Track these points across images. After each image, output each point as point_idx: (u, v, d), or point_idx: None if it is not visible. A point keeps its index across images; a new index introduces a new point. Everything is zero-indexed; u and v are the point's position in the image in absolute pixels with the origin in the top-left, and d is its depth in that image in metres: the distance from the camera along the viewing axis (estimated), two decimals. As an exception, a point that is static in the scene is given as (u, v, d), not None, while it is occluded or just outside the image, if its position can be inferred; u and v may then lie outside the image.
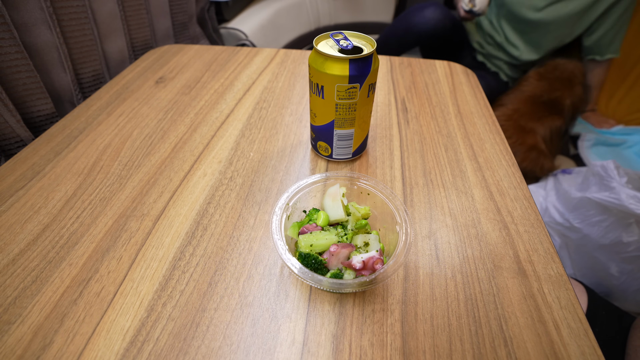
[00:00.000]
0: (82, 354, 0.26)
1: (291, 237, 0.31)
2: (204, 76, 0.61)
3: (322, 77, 0.35)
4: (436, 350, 0.26)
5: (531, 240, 0.34)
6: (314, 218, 0.32)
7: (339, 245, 0.29)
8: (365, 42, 0.37)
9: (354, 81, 0.34)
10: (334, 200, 0.33)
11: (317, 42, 0.36)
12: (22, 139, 0.53)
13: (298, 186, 0.33)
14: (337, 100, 0.36)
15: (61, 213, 0.37)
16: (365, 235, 0.31)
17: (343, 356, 0.26)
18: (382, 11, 1.66)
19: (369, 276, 0.26)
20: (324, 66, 0.34)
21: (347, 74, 0.34)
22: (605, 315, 0.52)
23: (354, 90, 0.35)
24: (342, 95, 0.35)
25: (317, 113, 0.38)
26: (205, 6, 0.96)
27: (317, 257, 0.29)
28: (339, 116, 0.37)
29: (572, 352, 0.26)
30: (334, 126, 0.38)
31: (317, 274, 0.27)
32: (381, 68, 0.64)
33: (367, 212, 0.32)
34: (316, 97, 0.37)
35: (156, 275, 0.31)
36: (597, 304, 0.53)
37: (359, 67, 0.34)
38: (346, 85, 0.34)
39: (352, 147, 0.41)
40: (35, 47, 0.54)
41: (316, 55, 0.35)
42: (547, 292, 0.30)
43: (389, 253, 0.30)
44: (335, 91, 0.35)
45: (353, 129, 0.39)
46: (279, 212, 0.30)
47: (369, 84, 0.36)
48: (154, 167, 0.43)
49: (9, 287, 0.30)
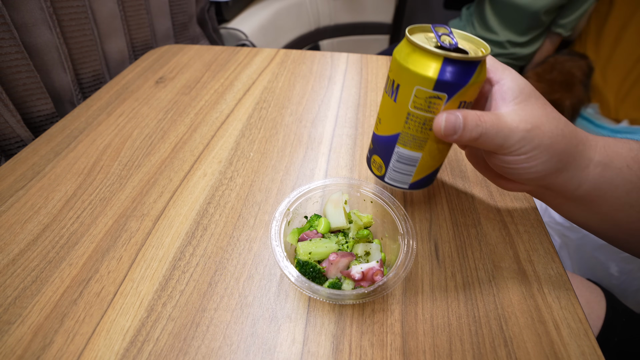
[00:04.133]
0: (82, 354, 0.26)
1: (291, 243, 0.31)
2: (204, 76, 0.61)
3: (401, 72, 0.26)
4: (436, 350, 0.26)
5: (531, 240, 0.34)
6: (315, 224, 0.32)
7: (339, 254, 0.28)
8: (475, 47, 0.28)
9: (441, 88, 0.25)
10: (336, 207, 0.32)
11: (411, 32, 0.28)
12: (22, 139, 0.53)
13: (300, 191, 0.32)
14: (411, 109, 0.27)
15: (61, 213, 0.37)
16: (366, 245, 0.30)
17: (343, 356, 0.26)
18: (382, 11, 1.66)
19: (367, 288, 0.26)
20: (409, 59, 0.26)
21: (434, 77, 0.25)
22: (625, 323, 0.46)
23: (437, 101, 0.26)
24: (420, 104, 0.26)
25: (383, 119, 0.30)
26: (205, 6, 0.96)
27: (316, 265, 0.28)
28: (407, 130, 0.28)
29: (572, 352, 0.26)
30: (397, 141, 0.29)
31: (314, 283, 0.26)
32: (381, 68, 0.64)
33: (369, 221, 0.32)
34: (387, 99, 0.29)
35: (156, 275, 0.31)
36: (616, 310, 0.47)
37: (455, 73, 0.24)
38: (429, 91, 0.25)
39: (411, 176, 0.31)
40: (36, 47, 0.54)
41: (404, 45, 0.27)
42: (547, 292, 0.30)
43: (391, 263, 0.29)
44: (412, 95, 0.26)
45: (420, 153, 0.29)
46: (279, 217, 0.30)
47: (460, 99, 0.26)
48: (154, 167, 0.43)
49: (9, 287, 0.30)
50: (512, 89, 0.26)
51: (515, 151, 0.25)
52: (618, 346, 0.44)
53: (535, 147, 0.25)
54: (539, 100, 0.26)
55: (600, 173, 0.26)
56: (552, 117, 0.26)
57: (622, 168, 0.26)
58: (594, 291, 0.50)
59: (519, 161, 0.26)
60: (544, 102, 0.27)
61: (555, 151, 0.25)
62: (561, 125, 0.26)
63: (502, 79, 0.27)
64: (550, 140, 0.25)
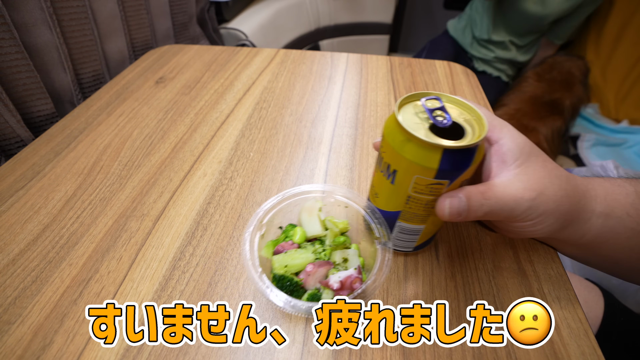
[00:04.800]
0: (82, 354, 0.26)
1: (266, 257, 0.29)
2: (204, 76, 0.61)
3: (397, 159, 0.25)
4: (436, 350, 0.26)
5: (531, 240, 0.34)
6: (290, 235, 0.31)
7: (315, 264, 0.28)
8: (469, 117, 0.25)
9: (443, 177, 0.24)
10: (311, 215, 0.31)
11: (400, 105, 0.26)
12: (22, 139, 0.53)
13: (271, 203, 0.30)
14: (412, 193, 0.26)
15: (61, 213, 0.37)
16: (343, 251, 0.30)
17: (343, 356, 0.26)
18: (382, 11, 1.66)
19: (347, 297, 0.25)
20: (405, 148, 0.24)
21: (435, 167, 0.23)
22: (623, 323, 0.46)
23: (438, 187, 0.25)
24: (420, 190, 0.25)
25: (381, 194, 0.29)
26: (205, 6, 0.96)
27: (293, 278, 0.27)
28: (409, 210, 0.27)
29: (572, 352, 0.26)
30: (399, 218, 0.28)
31: (292, 297, 0.25)
32: (381, 68, 0.64)
33: (345, 227, 0.31)
34: (383, 178, 0.27)
35: (156, 276, 0.31)
36: (614, 309, 0.47)
37: (456, 161, 0.23)
38: (430, 180, 0.24)
39: (415, 242, 0.31)
40: (35, 47, 0.54)
41: (396, 127, 0.24)
42: (547, 292, 0.30)
43: (370, 267, 0.28)
44: (412, 182, 0.25)
45: (423, 225, 0.29)
46: (248, 237, 0.28)
47: (462, 180, 0.25)
48: (154, 167, 0.43)
49: (9, 287, 0.30)
50: (512, 150, 0.26)
51: (522, 220, 0.26)
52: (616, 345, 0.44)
53: (541, 214, 0.25)
54: (539, 158, 0.27)
55: (603, 223, 0.27)
56: (555, 176, 0.26)
57: (622, 217, 0.27)
58: (592, 290, 0.50)
59: (525, 226, 0.27)
60: (544, 160, 0.27)
61: (560, 213, 0.26)
62: (564, 185, 0.26)
63: (500, 138, 0.26)
64: (555, 204, 0.25)
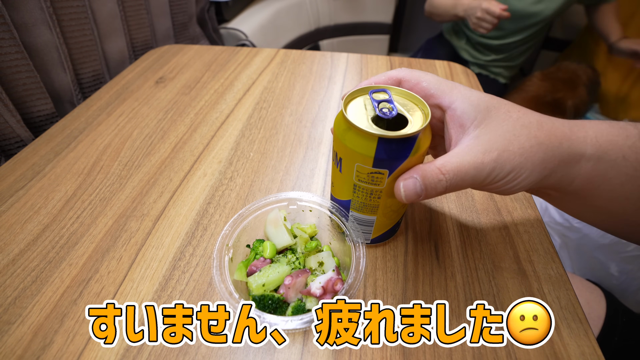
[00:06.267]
0: (82, 354, 0.26)
1: (239, 280, 0.28)
2: (204, 76, 0.61)
3: (340, 147, 0.26)
4: (436, 350, 0.26)
5: (531, 240, 0.34)
6: (260, 251, 0.30)
7: (293, 275, 0.27)
8: (417, 109, 0.26)
9: (380, 165, 0.25)
10: (277, 226, 0.30)
11: (349, 99, 0.27)
12: (22, 139, 0.53)
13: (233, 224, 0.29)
14: (356, 182, 0.27)
15: (61, 213, 0.37)
16: (317, 255, 0.29)
17: (343, 356, 0.26)
18: (382, 11, 1.66)
19: (332, 300, 0.24)
20: (346, 136, 0.25)
21: (371, 155, 0.24)
22: (625, 323, 0.46)
23: (379, 177, 0.25)
24: (363, 178, 0.26)
25: (334, 184, 0.30)
26: (205, 6, 0.96)
27: (273, 295, 0.27)
28: (357, 199, 0.28)
29: (572, 352, 0.26)
30: (350, 207, 0.29)
31: (277, 315, 0.25)
32: (381, 68, 0.64)
33: (313, 230, 0.31)
34: (335, 167, 0.29)
35: (156, 276, 0.31)
36: (616, 310, 0.47)
37: (392, 150, 0.24)
38: (369, 168, 0.25)
39: (370, 234, 0.32)
40: (35, 47, 0.54)
41: (341, 117, 0.26)
42: (547, 292, 0.30)
43: (346, 265, 0.28)
44: (354, 170, 0.26)
45: (375, 216, 0.29)
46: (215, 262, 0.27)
47: (404, 169, 0.25)
48: (154, 167, 0.43)
49: (9, 287, 0.30)
50: (466, 112, 0.24)
51: (490, 183, 0.24)
52: (618, 346, 0.44)
53: (510, 171, 0.23)
54: (500, 109, 0.24)
55: (593, 167, 0.24)
56: (521, 126, 0.24)
57: (616, 160, 0.24)
58: (594, 291, 0.50)
59: (499, 186, 0.24)
60: (507, 110, 0.24)
61: (533, 163, 0.23)
62: (533, 132, 0.23)
63: (452, 102, 0.25)
64: (524, 157, 0.23)
